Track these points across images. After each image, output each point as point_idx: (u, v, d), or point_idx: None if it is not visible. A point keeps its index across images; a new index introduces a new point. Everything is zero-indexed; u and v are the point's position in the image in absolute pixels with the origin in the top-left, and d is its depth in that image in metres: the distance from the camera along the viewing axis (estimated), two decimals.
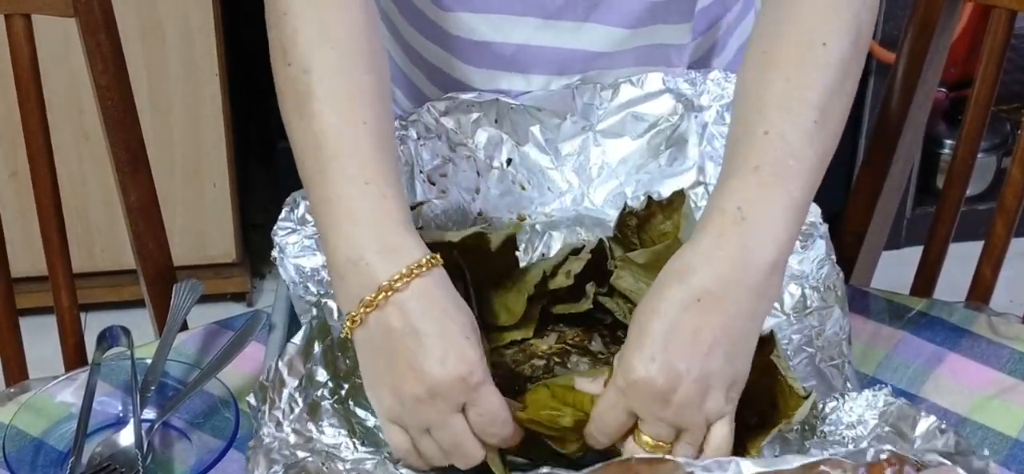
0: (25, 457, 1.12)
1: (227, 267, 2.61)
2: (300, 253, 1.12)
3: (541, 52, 1.27)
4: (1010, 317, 1.27)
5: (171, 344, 1.21)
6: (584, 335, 1.13)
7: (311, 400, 1.02)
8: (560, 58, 1.27)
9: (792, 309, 1.14)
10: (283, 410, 1.01)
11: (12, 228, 1.93)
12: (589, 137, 1.27)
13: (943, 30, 1.45)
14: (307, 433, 1.01)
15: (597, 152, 1.26)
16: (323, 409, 1.02)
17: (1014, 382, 1.19)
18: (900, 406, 1.00)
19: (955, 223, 1.50)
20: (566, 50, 1.27)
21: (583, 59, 1.27)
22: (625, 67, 1.28)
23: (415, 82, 1.36)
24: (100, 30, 1.39)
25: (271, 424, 1.00)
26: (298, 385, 1.02)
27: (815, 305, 1.14)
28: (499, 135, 1.25)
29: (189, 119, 2.43)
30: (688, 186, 1.23)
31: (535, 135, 1.26)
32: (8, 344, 1.48)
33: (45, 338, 1.58)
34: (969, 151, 1.48)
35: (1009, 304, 2.25)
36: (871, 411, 1.01)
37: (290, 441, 1.00)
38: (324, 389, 1.03)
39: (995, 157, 2.76)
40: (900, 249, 2.71)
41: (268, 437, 1.00)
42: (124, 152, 1.44)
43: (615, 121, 1.27)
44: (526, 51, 1.27)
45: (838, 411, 1.02)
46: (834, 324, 1.11)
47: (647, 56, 1.29)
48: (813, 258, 1.17)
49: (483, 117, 1.25)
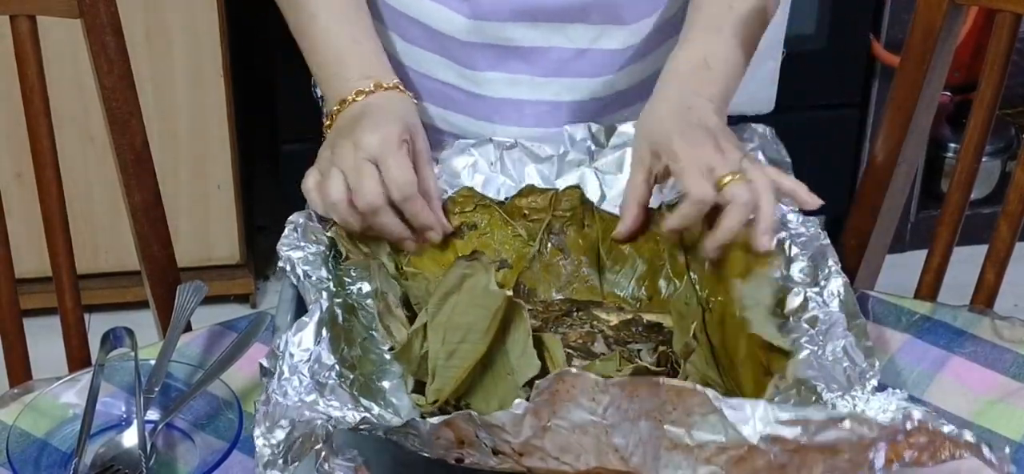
0: (29, 458, 1.12)
1: (231, 269, 2.61)
2: (305, 265, 1.12)
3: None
4: (1014, 321, 1.27)
5: (175, 345, 1.21)
6: (587, 338, 1.13)
7: (318, 378, 1.02)
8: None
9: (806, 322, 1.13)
10: (290, 381, 1.01)
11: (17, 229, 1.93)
12: (587, 173, 1.27)
13: (947, 34, 1.45)
14: (313, 402, 1.01)
15: (595, 186, 1.26)
16: (329, 387, 1.02)
17: (1018, 386, 1.19)
18: (910, 411, 0.98)
19: (959, 227, 1.50)
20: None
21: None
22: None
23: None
24: (105, 31, 1.39)
25: (279, 392, 1.00)
26: (306, 359, 1.02)
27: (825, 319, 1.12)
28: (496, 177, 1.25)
29: (194, 121, 2.43)
30: None
31: (531, 176, 1.26)
32: (12, 345, 1.48)
33: (49, 339, 1.58)
34: (973, 155, 1.48)
35: (1013, 308, 2.24)
36: (884, 415, 0.99)
37: (295, 405, 1.00)
38: (330, 372, 1.03)
39: (999, 161, 2.76)
40: (904, 252, 2.71)
41: (276, 398, 0.99)
42: (129, 154, 1.44)
43: (614, 158, 1.27)
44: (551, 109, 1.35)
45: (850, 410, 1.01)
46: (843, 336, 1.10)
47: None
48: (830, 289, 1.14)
49: (480, 159, 1.25)
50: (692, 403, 0.89)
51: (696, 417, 0.89)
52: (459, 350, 1.04)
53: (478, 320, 1.04)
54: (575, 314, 1.18)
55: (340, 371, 1.03)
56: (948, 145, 2.75)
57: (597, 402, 0.89)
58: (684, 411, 0.89)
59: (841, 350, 1.04)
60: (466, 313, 1.04)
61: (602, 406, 0.89)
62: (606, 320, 1.17)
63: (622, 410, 0.89)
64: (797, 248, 1.14)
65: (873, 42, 2.62)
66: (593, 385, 0.89)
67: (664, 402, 0.89)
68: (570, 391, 0.89)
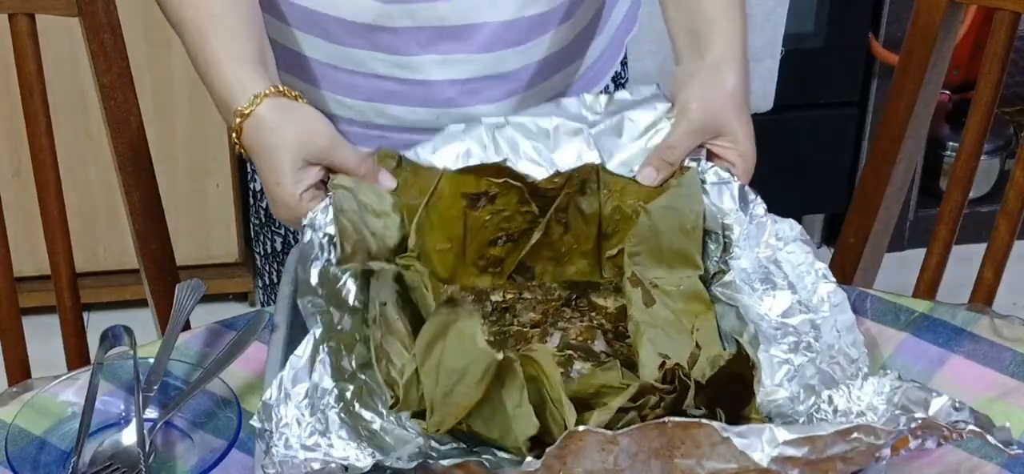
0: (27, 456, 1.12)
1: (230, 267, 2.61)
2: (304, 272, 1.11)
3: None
4: (1013, 319, 1.27)
5: (173, 344, 1.21)
6: (587, 334, 1.13)
7: (318, 413, 1.01)
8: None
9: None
10: (291, 427, 1.00)
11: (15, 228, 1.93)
12: (584, 141, 1.25)
13: (946, 32, 1.45)
14: (317, 448, 1.00)
15: (594, 155, 1.25)
16: (331, 421, 1.01)
17: (1016, 384, 1.19)
18: (908, 389, 0.99)
19: (958, 225, 1.50)
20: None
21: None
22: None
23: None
24: (104, 30, 1.39)
25: (280, 444, 0.99)
26: (304, 398, 1.01)
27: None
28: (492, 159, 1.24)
29: (192, 119, 2.43)
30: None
31: (528, 151, 1.25)
32: (11, 343, 1.48)
33: (48, 337, 1.58)
34: (972, 153, 1.48)
35: (1012, 306, 2.24)
36: (879, 397, 1.00)
37: (300, 458, 0.99)
38: (329, 397, 1.02)
39: (998, 159, 2.76)
40: (903, 251, 2.71)
41: (279, 456, 0.98)
42: (127, 152, 1.44)
43: (612, 123, 1.26)
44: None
45: (847, 401, 1.01)
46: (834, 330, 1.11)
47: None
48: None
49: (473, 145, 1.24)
50: (699, 436, 0.90)
51: (705, 448, 0.90)
52: (455, 392, 1.02)
53: (469, 368, 1.01)
54: (574, 302, 1.18)
55: (338, 393, 1.02)
56: (947, 144, 2.75)
57: (607, 452, 0.91)
58: (692, 444, 0.90)
59: (836, 348, 1.06)
60: (456, 359, 1.01)
61: (613, 455, 0.91)
62: (604, 307, 1.17)
63: (632, 454, 0.91)
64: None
65: (872, 41, 2.62)
66: (603, 439, 0.90)
67: (672, 439, 0.91)
68: (579, 446, 0.91)
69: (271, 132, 1.16)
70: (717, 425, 0.90)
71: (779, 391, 1.05)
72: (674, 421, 0.90)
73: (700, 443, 0.90)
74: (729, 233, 1.17)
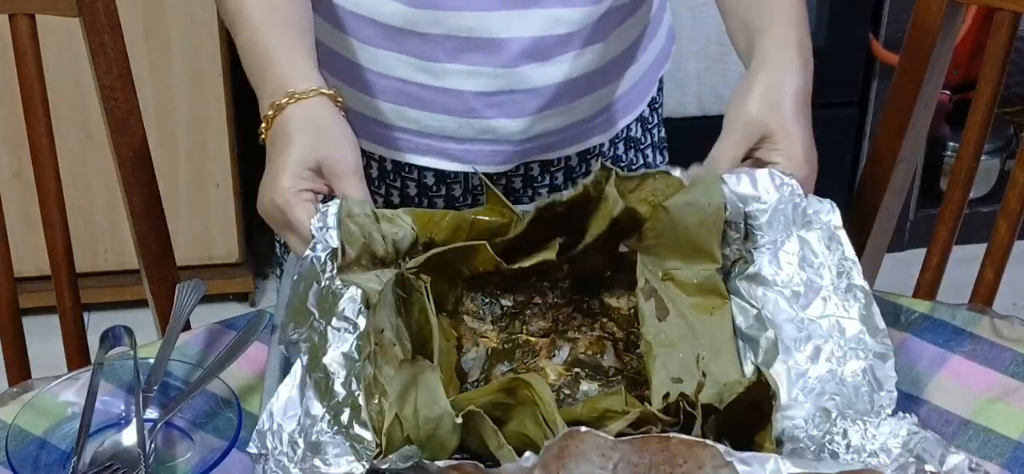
0: (28, 456, 1.12)
1: (230, 267, 2.61)
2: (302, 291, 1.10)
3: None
4: (1013, 320, 1.27)
5: (174, 344, 1.21)
6: (597, 346, 1.12)
7: (312, 437, 1.01)
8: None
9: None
10: (287, 453, 1.00)
11: (16, 228, 1.93)
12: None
13: (946, 33, 1.45)
14: (315, 470, 1.00)
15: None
16: (324, 444, 1.01)
17: (1017, 384, 1.19)
18: (926, 438, 0.97)
19: (958, 225, 1.50)
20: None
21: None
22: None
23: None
24: (104, 30, 1.39)
25: (278, 470, 0.99)
26: (297, 425, 1.01)
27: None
28: None
29: (193, 120, 2.44)
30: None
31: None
32: (11, 344, 1.48)
33: (48, 338, 1.58)
34: (972, 154, 1.48)
35: (1012, 307, 2.24)
36: (895, 439, 0.99)
37: None
38: (322, 423, 1.02)
39: (998, 159, 2.76)
40: (903, 251, 2.71)
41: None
42: (128, 152, 1.44)
43: None
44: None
45: (862, 437, 1.00)
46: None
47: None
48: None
49: None
50: (703, 456, 0.90)
51: (708, 469, 0.90)
52: (436, 435, 1.02)
53: (442, 419, 1.01)
54: (586, 305, 1.16)
55: (331, 418, 1.02)
56: (947, 144, 2.75)
57: (607, 458, 0.90)
58: (695, 464, 0.90)
59: (861, 372, 1.04)
60: (430, 409, 1.01)
61: (612, 462, 0.90)
62: (617, 309, 1.16)
63: (632, 464, 0.91)
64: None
65: (872, 41, 2.62)
66: (602, 443, 0.90)
67: (674, 455, 0.90)
68: (579, 447, 0.90)
69: (309, 123, 1.17)
70: (722, 448, 0.90)
71: (795, 409, 1.03)
72: (678, 437, 0.90)
73: (703, 464, 0.90)
74: (751, 221, 1.14)
